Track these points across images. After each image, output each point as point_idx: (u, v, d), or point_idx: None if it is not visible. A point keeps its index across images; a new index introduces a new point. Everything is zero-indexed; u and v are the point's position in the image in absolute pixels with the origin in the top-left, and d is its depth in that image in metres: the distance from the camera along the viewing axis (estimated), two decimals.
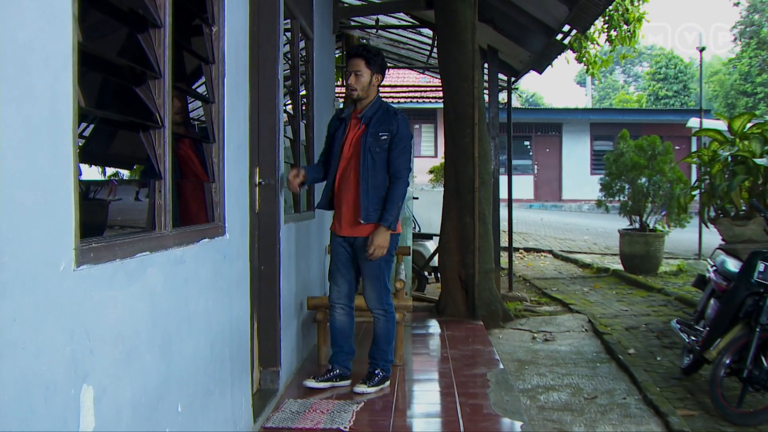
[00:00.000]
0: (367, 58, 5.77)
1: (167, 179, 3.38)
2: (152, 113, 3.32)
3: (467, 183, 9.40)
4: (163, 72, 3.37)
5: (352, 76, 5.77)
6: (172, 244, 3.40)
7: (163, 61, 3.37)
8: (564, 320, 10.67)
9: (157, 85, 3.36)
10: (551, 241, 21.64)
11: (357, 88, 5.76)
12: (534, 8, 9.55)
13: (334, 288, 6.04)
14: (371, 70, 5.78)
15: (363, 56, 5.76)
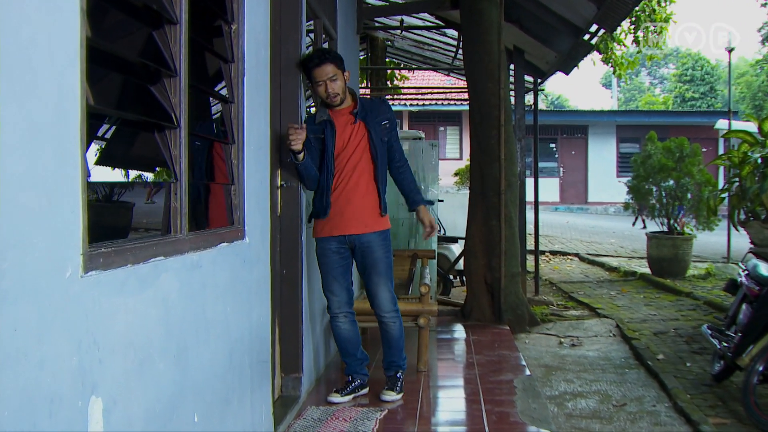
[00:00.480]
0: (335, 60, 5.54)
1: (183, 181, 3.27)
2: (168, 113, 3.20)
3: (493, 185, 9.27)
4: (179, 70, 3.26)
5: (329, 84, 5.51)
6: (188, 249, 3.28)
7: (179, 59, 3.26)
8: (591, 325, 10.50)
9: (173, 84, 3.25)
10: (577, 244, 21.42)
11: (339, 93, 5.56)
12: (561, 7, 9.40)
13: (333, 298, 5.77)
14: (341, 70, 5.58)
15: (330, 60, 5.50)
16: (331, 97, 5.53)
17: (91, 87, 2.48)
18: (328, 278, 5.74)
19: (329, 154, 5.57)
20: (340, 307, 5.75)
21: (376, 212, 5.66)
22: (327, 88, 5.50)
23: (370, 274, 5.73)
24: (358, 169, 5.62)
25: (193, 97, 3.45)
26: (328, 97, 5.53)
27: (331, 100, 5.56)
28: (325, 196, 5.60)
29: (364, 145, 5.61)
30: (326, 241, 5.68)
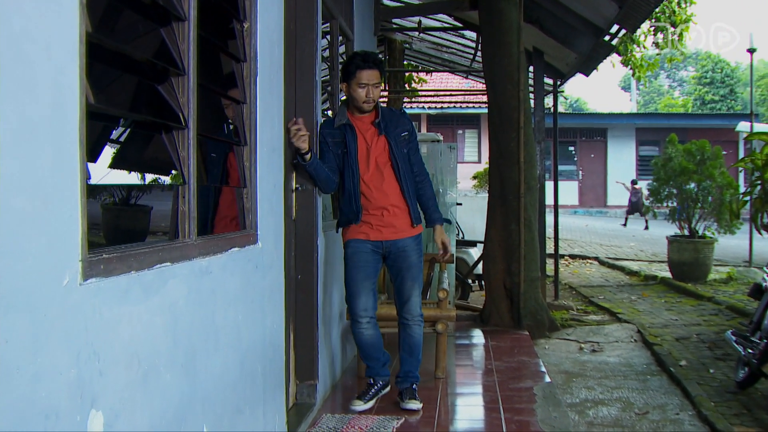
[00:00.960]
0: (381, 68, 5.46)
1: (192, 184, 3.15)
2: (176, 113, 3.08)
3: (512, 188, 9.15)
4: (188, 69, 3.14)
5: (371, 89, 5.41)
6: (196, 254, 3.16)
7: (187, 58, 3.14)
8: (612, 330, 10.34)
9: (181, 82, 3.13)
10: (597, 247, 21.26)
11: (375, 100, 5.46)
12: (582, 7, 9.25)
13: (359, 300, 5.58)
14: (382, 79, 5.51)
15: (379, 67, 5.43)
16: (369, 103, 5.44)
17: (93, 85, 2.37)
18: (357, 279, 5.57)
19: (353, 157, 5.46)
20: (366, 310, 5.57)
21: (410, 218, 5.56)
22: (368, 93, 5.40)
23: (403, 278, 5.62)
24: (385, 176, 5.51)
25: (202, 97, 3.32)
26: (366, 101, 5.42)
27: (367, 106, 5.45)
28: (355, 200, 5.50)
29: (386, 157, 5.49)
30: (361, 243, 5.57)
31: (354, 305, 5.59)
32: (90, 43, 2.33)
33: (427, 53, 16.82)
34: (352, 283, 5.60)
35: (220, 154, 4.01)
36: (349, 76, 5.43)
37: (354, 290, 5.59)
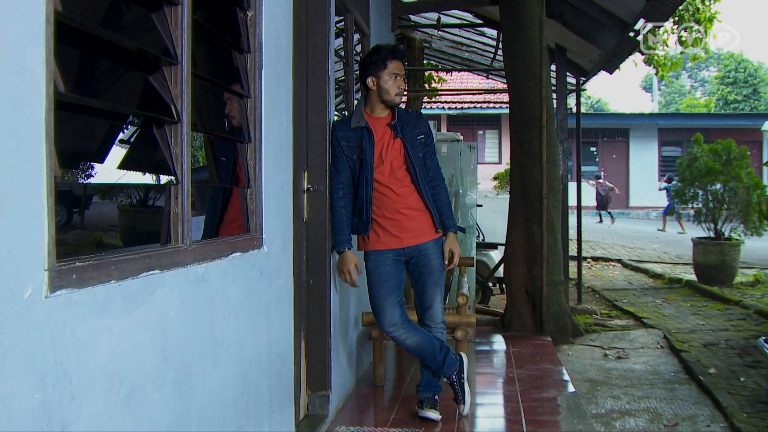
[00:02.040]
0: (405, 61, 5.23)
1: (185, 183, 2.88)
2: (167, 105, 2.81)
3: (535, 189, 8.86)
4: (181, 57, 2.87)
5: (400, 79, 5.17)
6: (191, 260, 2.89)
7: (180, 45, 2.87)
8: (637, 335, 10.00)
9: (174, 72, 2.86)
10: (619, 249, 20.90)
11: (402, 93, 5.22)
12: (607, 0, 8.93)
13: (385, 316, 5.25)
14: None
15: (404, 59, 5.21)
16: (401, 95, 5.21)
17: (70, 73, 2.11)
18: (380, 295, 5.26)
19: (368, 165, 5.16)
20: (395, 325, 5.24)
21: (430, 221, 5.28)
22: (400, 84, 5.16)
23: (425, 283, 5.32)
24: (401, 179, 5.22)
25: (199, 90, 3.06)
26: (398, 94, 5.17)
27: (398, 98, 5.20)
28: (366, 209, 5.21)
29: (401, 160, 5.21)
30: (382, 254, 5.26)
31: (381, 321, 5.29)
32: (65, 26, 2.07)
33: (447, 52, 16.58)
34: (376, 299, 5.30)
35: (220, 152, 3.74)
36: (378, 67, 5.14)
37: (378, 305, 5.28)
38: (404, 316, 5.28)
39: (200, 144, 3.81)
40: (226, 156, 3.84)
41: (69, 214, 3.20)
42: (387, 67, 5.11)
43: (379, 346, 6.32)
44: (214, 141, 3.83)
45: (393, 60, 5.12)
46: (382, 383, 6.34)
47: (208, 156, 3.88)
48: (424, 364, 5.42)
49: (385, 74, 5.11)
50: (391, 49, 5.19)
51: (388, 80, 5.12)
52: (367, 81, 5.19)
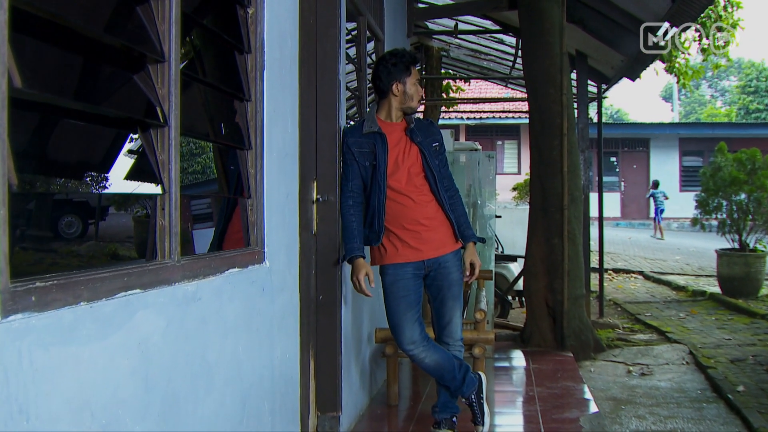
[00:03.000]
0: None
1: (173, 193, 2.61)
2: (153, 107, 2.55)
3: (555, 200, 8.61)
4: (169, 55, 2.60)
5: (419, 86, 4.97)
6: (179, 278, 2.62)
7: (168, 41, 2.61)
8: (662, 351, 9.68)
9: (160, 71, 2.60)
10: (641, 261, 20.57)
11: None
12: (630, 2, 8.64)
13: (404, 334, 4.93)
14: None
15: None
16: (420, 101, 5.04)
17: (28, 65, 1.85)
18: (398, 311, 4.95)
19: (381, 172, 4.87)
20: (414, 343, 4.92)
21: (450, 231, 5.00)
22: (420, 91, 4.97)
23: (444, 297, 5.00)
24: (419, 187, 4.94)
25: (189, 90, 2.80)
26: (419, 100, 5.00)
27: (417, 105, 5.01)
28: (378, 219, 4.90)
29: (419, 167, 4.94)
30: (401, 268, 4.96)
31: (399, 339, 4.98)
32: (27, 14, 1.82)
33: (465, 61, 16.39)
34: (395, 315, 4.98)
35: (215, 158, 3.48)
36: (403, 73, 4.90)
37: (397, 322, 4.97)
38: (424, 333, 4.99)
39: (209, 153, 3.60)
40: (236, 164, 3.58)
41: (84, 225, 3.01)
42: (411, 74, 4.90)
43: (394, 363, 6.05)
44: (223, 149, 3.58)
45: (415, 66, 4.95)
46: (396, 402, 6.06)
47: (218, 165, 3.64)
48: (441, 384, 5.13)
49: (410, 81, 4.90)
50: (412, 55, 4.99)
51: (412, 87, 4.91)
52: (393, 86, 4.93)
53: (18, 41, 1.81)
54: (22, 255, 2.56)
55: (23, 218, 2.47)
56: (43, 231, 2.81)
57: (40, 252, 2.76)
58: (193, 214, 3.88)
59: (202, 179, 3.81)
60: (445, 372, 5.02)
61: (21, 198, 2.18)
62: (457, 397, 5.15)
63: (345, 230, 4.93)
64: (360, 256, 4.86)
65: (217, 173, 3.71)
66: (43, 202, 2.71)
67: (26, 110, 1.97)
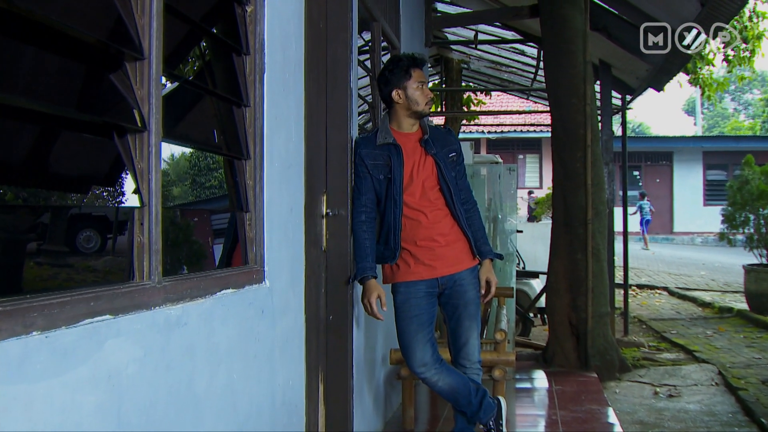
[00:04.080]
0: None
1: (153, 206, 2.34)
2: (130, 110, 2.28)
3: (579, 214, 8.32)
4: (149, 51, 2.33)
5: (425, 88, 4.65)
6: (160, 301, 2.34)
7: (148, 36, 2.33)
8: (690, 371, 9.33)
9: (139, 69, 2.33)
10: (665, 276, 20.20)
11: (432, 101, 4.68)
12: (656, 8, 8.33)
13: (414, 356, 4.68)
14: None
15: (427, 64, 4.66)
16: (429, 104, 4.65)
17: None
18: (409, 331, 4.68)
19: (397, 185, 4.60)
20: (425, 365, 4.66)
21: (466, 247, 4.71)
22: (427, 92, 4.63)
23: (460, 317, 4.71)
24: (433, 201, 4.66)
25: (175, 92, 2.52)
26: (428, 103, 4.64)
27: (428, 107, 4.65)
28: (394, 235, 4.63)
29: (434, 180, 4.66)
30: (413, 286, 4.68)
31: (410, 361, 4.70)
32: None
33: (485, 73, 16.18)
34: (405, 336, 4.71)
35: (208, 168, 3.21)
36: (401, 78, 4.61)
37: (407, 343, 4.69)
38: (436, 355, 4.70)
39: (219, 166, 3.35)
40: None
41: (104, 240, 2.76)
42: (412, 77, 4.59)
43: (409, 385, 5.76)
44: (232, 161, 3.31)
45: (416, 68, 4.61)
46: (412, 427, 5.77)
47: (227, 178, 3.37)
48: (457, 409, 4.84)
49: (411, 84, 4.59)
50: (412, 57, 4.67)
51: (415, 90, 4.59)
52: (392, 95, 4.65)
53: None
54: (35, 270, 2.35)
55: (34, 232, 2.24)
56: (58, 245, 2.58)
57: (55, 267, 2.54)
58: (214, 229, 3.66)
59: (219, 194, 3.62)
60: (461, 396, 4.73)
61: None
62: (475, 423, 4.85)
63: (357, 248, 4.64)
64: (372, 277, 4.57)
65: (227, 186, 3.45)
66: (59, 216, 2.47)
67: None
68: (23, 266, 2.20)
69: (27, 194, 2.21)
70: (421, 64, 4.63)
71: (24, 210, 2.28)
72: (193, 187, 3.68)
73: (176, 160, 3.42)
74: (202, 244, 3.64)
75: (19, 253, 2.12)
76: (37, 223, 2.51)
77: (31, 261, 2.28)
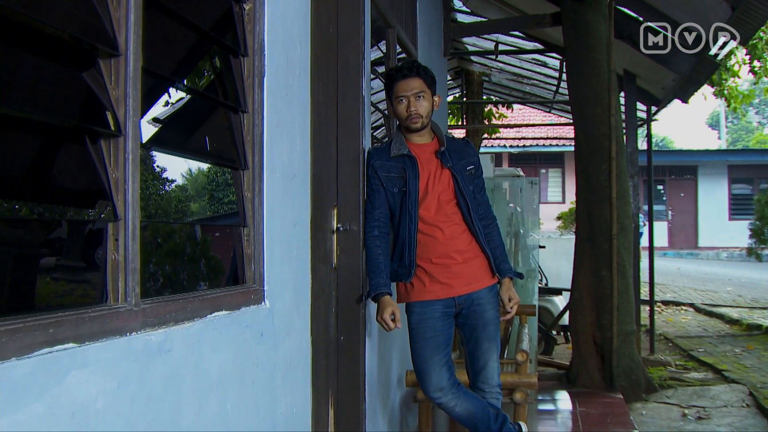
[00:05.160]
0: (426, 77, 4.36)
1: (130, 219, 2.09)
2: (103, 112, 2.03)
3: (603, 229, 8.05)
4: (126, 47, 2.09)
5: (412, 100, 4.31)
6: (138, 326, 2.09)
7: (124, 30, 2.09)
8: (719, 392, 8.99)
9: (114, 67, 2.08)
10: (690, 292, 19.82)
11: (422, 114, 4.34)
12: (683, 13, 8.05)
13: (430, 380, 4.42)
14: (431, 90, 4.39)
15: (420, 75, 4.32)
16: (413, 118, 4.31)
17: None
18: (425, 354, 4.43)
19: (412, 199, 4.35)
20: (442, 390, 4.41)
21: (485, 265, 4.46)
22: (409, 106, 4.30)
23: (478, 338, 4.46)
24: (450, 216, 4.41)
25: (160, 94, 2.28)
26: (408, 117, 4.31)
27: (411, 122, 4.33)
28: (408, 252, 4.37)
29: (451, 194, 4.41)
30: (428, 305, 4.43)
31: (425, 386, 4.45)
32: None
33: (507, 86, 15.99)
34: (420, 359, 4.46)
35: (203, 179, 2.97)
36: (389, 93, 4.43)
37: (423, 366, 4.44)
38: (453, 378, 4.43)
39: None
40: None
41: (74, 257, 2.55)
42: (393, 92, 4.37)
43: (426, 409, 5.48)
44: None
45: (397, 83, 4.35)
46: None
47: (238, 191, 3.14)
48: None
49: (394, 100, 4.38)
50: (395, 71, 4.43)
51: (397, 106, 4.36)
52: (388, 110, 4.53)
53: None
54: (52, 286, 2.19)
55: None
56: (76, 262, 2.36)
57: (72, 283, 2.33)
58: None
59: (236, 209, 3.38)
60: (479, 423, 4.46)
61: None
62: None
63: (370, 264, 4.38)
64: (386, 293, 4.31)
65: (237, 200, 3.21)
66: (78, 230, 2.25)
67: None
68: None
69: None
70: (403, 76, 4.35)
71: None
72: (211, 202, 3.47)
73: (194, 175, 3.20)
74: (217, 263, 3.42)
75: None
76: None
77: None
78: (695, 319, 15.90)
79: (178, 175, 2.97)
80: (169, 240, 2.74)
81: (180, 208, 3.26)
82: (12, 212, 2.05)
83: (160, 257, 2.56)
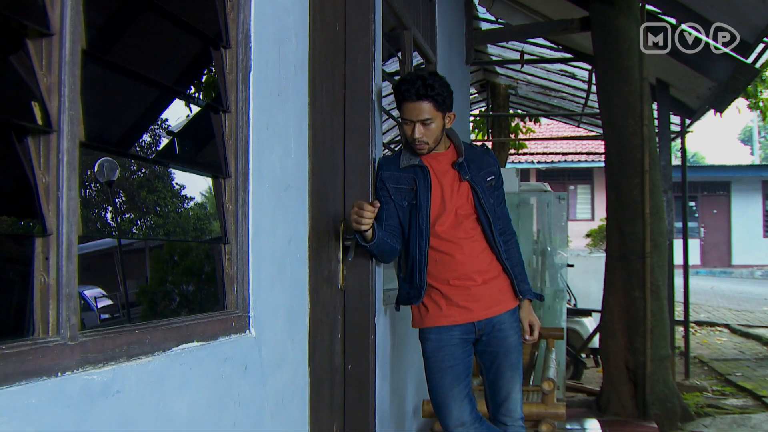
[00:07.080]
0: (436, 99, 3.93)
1: (64, 233, 1.71)
2: (29, 103, 1.67)
3: (635, 246, 7.70)
4: (62, 25, 1.72)
5: (418, 127, 3.93)
6: (75, 363, 1.73)
7: (59, 4, 1.72)
8: (760, 420, 8.56)
9: (45, 49, 1.72)
10: (725, 312, 19.38)
11: (428, 142, 3.98)
12: (721, 14, 7.62)
13: (451, 414, 4.06)
14: (441, 112, 3.97)
15: (431, 98, 3.90)
16: (417, 144, 3.98)
17: None
18: (443, 385, 4.09)
19: (423, 213, 4.00)
20: (464, 425, 4.05)
21: (507, 286, 4.13)
22: (414, 131, 3.94)
23: (500, 367, 4.12)
24: (469, 233, 4.07)
25: (111, 84, 1.91)
26: (413, 142, 3.99)
27: (416, 147, 4.01)
28: (419, 271, 4.04)
29: (470, 208, 4.06)
30: (446, 331, 4.09)
31: (446, 421, 4.09)
32: None
33: (533, 99, 15.69)
34: (439, 390, 4.11)
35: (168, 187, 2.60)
36: (398, 106, 4.06)
37: (442, 399, 4.09)
38: (475, 412, 4.07)
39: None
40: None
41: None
42: (401, 109, 4.01)
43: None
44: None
45: (404, 103, 3.97)
46: None
47: (219, 203, 2.77)
48: None
49: (402, 117, 4.04)
50: (403, 89, 3.98)
51: (404, 125, 4.04)
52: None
53: None
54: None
55: None
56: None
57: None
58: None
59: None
60: None
61: None
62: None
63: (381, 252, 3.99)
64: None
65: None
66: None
67: None
68: None
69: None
70: (409, 97, 3.94)
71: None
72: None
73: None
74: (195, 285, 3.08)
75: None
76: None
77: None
78: (731, 341, 15.53)
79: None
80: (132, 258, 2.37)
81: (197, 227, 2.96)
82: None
83: (112, 280, 2.20)
